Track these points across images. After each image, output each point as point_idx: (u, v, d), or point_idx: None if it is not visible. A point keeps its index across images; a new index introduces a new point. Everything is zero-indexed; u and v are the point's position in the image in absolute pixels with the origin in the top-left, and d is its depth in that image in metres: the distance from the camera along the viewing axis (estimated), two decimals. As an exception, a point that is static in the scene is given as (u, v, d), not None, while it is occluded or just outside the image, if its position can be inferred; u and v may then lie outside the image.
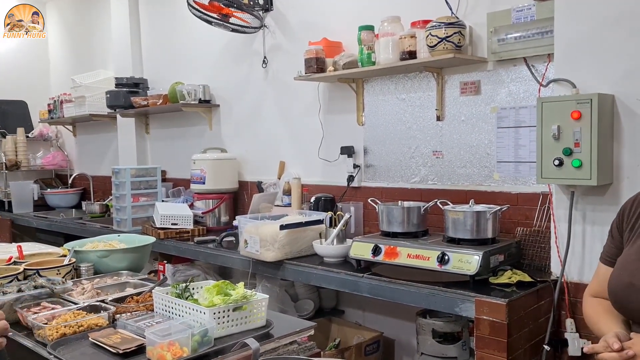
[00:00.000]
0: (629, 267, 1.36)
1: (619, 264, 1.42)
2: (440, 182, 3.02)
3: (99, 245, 2.46)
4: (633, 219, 1.46)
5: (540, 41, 2.53)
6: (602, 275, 1.52)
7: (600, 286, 1.52)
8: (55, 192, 5.73)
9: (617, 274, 1.40)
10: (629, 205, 1.50)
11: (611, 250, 1.51)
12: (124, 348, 1.52)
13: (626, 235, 1.47)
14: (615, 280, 1.39)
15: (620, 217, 1.51)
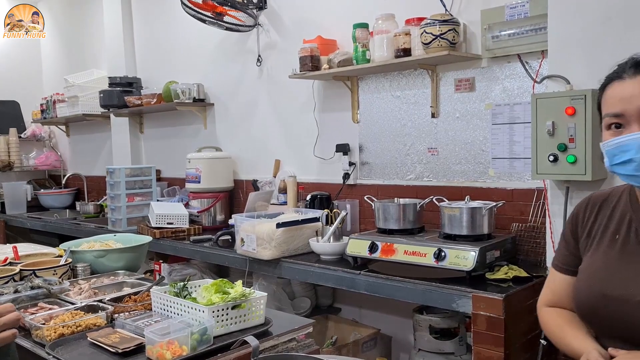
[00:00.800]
0: (597, 277, 1.24)
1: (584, 274, 1.29)
2: (436, 179, 3.03)
3: (95, 245, 2.45)
4: (589, 223, 1.35)
5: (534, 38, 2.55)
6: (557, 284, 1.40)
7: (556, 295, 1.41)
8: (49, 192, 5.71)
9: (585, 284, 1.27)
10: (582, 210, 1.38)
11: (566, 257, 1.39)
12: (123, 347, 1.51)
13: (583, 242, 1.35)
14: (586, 291, 1.26)
15: (574, 222, 1.39)
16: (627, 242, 1.24)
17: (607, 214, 1.32)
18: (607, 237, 1.29)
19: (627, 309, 1.16)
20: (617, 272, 1.22)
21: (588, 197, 1.40)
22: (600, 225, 1.32)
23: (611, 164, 1.20)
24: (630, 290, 1.16)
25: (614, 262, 1.24)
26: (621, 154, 1.16)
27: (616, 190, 1.35)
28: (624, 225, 1.26)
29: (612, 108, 1.19)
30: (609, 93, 1.22)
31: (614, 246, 1.26)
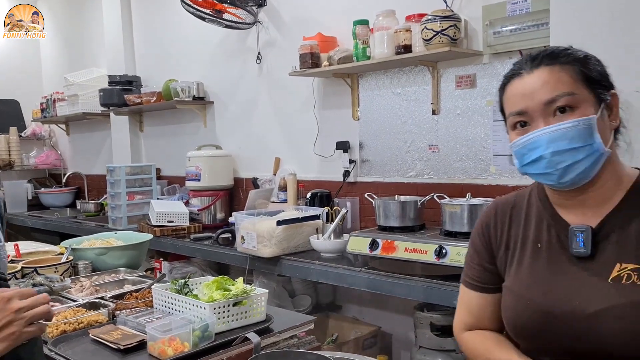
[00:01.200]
0: (533, 293, 1.13)
1: (515, 291, 1.17)
2: (437, 176, 3.03)
3: (96, 243, 2.45)
4: (504, 234, 1.24)
5: (536, 33, 2.54)
6: (474, 304, 1.27)
7: (474, 317, 1.28)
8: (50, 191, 5.70)
9: (521, 303, 1.15)
10: (492, 221, 1.26)
11: (481, 273, 1.26)
12: (125, 344, 1.51)
13: (502, 255, 1.23)
14: (524, 311, 1.14)
15: (485, 235, 1.26)
16: (552, 250, 1.15)
17: (522, 222, 1.22)
18: (529, 247, 1.19)
19: (577, 325, 1.07)
20: (554, 286, 1.12)
21: (493, 205, 1.30)
22: (518, 235, 1.22)
23: (521, 165, 1.13)
24: (575, 304, 1.08)
25: (546, 274, 1.14)
26: (530, 153, 1.10)
27: (522, 194, 1.27)
28: (543, 232, 1.17)
29: (515, 106, 1.12)
30: (510, 92, 1.15)
31: (539, 257, 1.16)
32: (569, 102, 1.07)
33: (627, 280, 1.05)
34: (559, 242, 1.15)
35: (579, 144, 1.06)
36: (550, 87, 1.08)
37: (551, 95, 1.07)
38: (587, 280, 1.09)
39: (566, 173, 1.07)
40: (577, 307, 1.07)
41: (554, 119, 1.07)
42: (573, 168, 1.07)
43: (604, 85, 1.12)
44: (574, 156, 1.06)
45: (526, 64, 1.13)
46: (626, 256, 1.07)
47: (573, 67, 1.10)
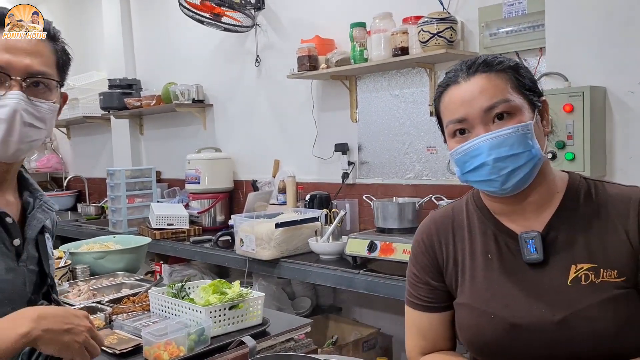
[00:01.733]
0: (495, 307, 1.10)
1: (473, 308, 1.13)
2: (435, 177, 3.03)
3: (94, 247, 2.46)
4: (449, 249, 1.20)
5: (532, 35, 2.54)
6: (426, 325, 1.22)
7: (428, 340, 1.22)
8: (51, 194, 5.71)
9: (482, 319, 1.11)
10: (434, 237, 1.23)
11: (430, 292, 1.21)
12: (120, 348, 1.52)
13: (450, 271, 1.19)
14: (487, 326, 1.10)
15: (429, 253, 1.22)
16: (504, 259, 1.13)
17: (466, 235, 1.19)
18: (479, 259, 1.16)
19: (546, 333, 1.05)
20: (515, 297, 1.09)
21: (431, 220, 1.27)
22: (465, 249, 1.18)
23: (463, 173, 1.11)
24: (541, 312, 1.06)
25: (503, 285, 1.11)
26: (472, 160, 1.08)
27: (458, 207, 1.25)
28: (490, 242, 1.15)
29: (454, 114, 1.10)
30: (448, 99, 1.13)
31: (492, 268, 1.14)
32: (506, 109, 1.07)
33: (586, 281, 1.05)
34: (509, 251, 1.13)
35: (520, 150, 1.06)
36: (489, 94, 1.07)
37: (490, 102, 1.07)
38: (546, 286, 1.08)
39: (509, 179, 1.07)
40: (544, 315, 1.06)
41: (493, 126, 1.07)
42: (515, 174, 1.06)
43: (535, 92, 1.12)
44: (515, 162, 1.06)
45: (462, 72, 1.11)
46: (578, 257, 1.07)
47: (507, 75, 1.10)
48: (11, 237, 1.12)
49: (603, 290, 1.03)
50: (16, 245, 1.12)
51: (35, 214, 1.18)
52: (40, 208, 1.20)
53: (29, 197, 1.20)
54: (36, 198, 1.21)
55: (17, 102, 1.08)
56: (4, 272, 1.09)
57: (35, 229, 1.17)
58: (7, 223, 1.11)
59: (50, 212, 1.23)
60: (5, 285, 1.09)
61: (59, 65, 1.19)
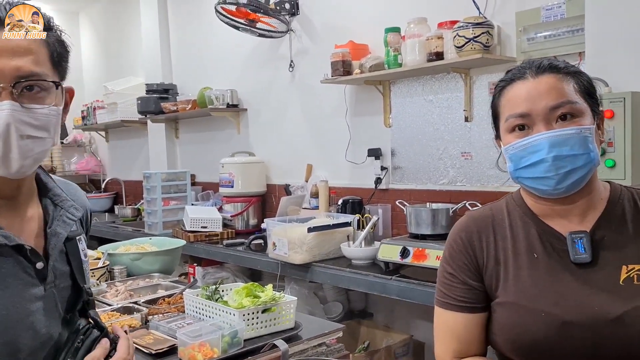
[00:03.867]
0: (544, 304, 1.09)
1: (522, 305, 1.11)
2: (470, 183, 2.99)
3: (131, 248, 2.51)
4: (490, 248, 1.19)
5: (571, 39, 2.49)
6: (462, 327, 1.18)
7: (463, 343, 1.19)
8: (89, 196, 5.84)
9: (531, 317, 1.09)
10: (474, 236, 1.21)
11: (467, 292, 1.18)
12: (156, 349, 1.55)
13: (490, 270, 1.17)
14: (534, 324, 1.08)
15: (468, 252, 1.19)
16: (550, 259, 1.12)
17: (508, 234, 1.18)
18: (523, 258, 1.15)
19: (600, 331, 1.05)
20: (563, 294, 1.09)
21: (470, 220, 1.24)
22: (507, 248, 1.17)
23: (516, 168, 1.12)
24: (594, 310, 1.06)
25: (550, 284, 1.10)
26: (530, 156, 1.09)
27: (497, 207, 1.24)
28: (535, 241, 1.15)
29: (517, 108, 1.10)
30: (511, 94, 1.13)
31: (538, 266, 1.13)
32: (571, 110, 1.08)
33: (639, 281, 1.06)
34: (554, 251, 1.13)
35: (580, 152, 1.07)
36: (556, 93, 1.09)
37: (556, 101, 1.08)
38: (597, 286, 1.08)
39: (565, 179, 1.08)
40: (597, 313, 1.05)
41: (555, 125, 1.08)
42: (571, 174, 1.07)
43: (595, 100, 1.14)
44: (573, 162, 1.07)
45: (531, 69, 1.13)
46: (629, 258, 1.09)
47: (574, 79, 1.12)
48: (32, 263, 1.00)
49: None
50: (40, 269, 1.01)
51: (55, 229, 1.06)
52: (61, 219, 1.07)
53: (49, 205, 1.08)
54: (57, 206, 1.09)
55: (10, 114, 0.93)
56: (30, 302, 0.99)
57: (57, 247, 1.05)
58: (26, 250, 0.99)
59: (71, 222, 1.09)
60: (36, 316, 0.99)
61: (54, 60, 1.00)
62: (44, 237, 1.05)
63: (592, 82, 1.14)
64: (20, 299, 0.98)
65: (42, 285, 1.01)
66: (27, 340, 0.98)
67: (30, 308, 0.99)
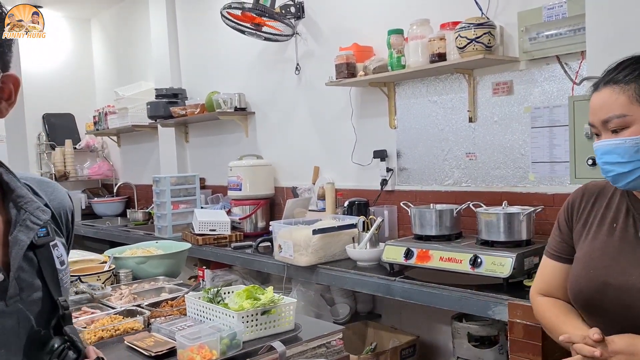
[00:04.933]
0: (598, 265, 1.29)
1: (582, 262, 1.33)
2: (475, 184, 2.99)
3: (137, 252, 2.55)
4: (585, 212, 1.40)
5: (573, 38, 2.48)
6: (549, 271, 1.45)
7: (547, 283, 1.45)
8: (101, 201, 5.94)
9: (584, 272, 1.31)
10: (578, 199, 1.43)
11: (559, 245, 1.43)
12: (156, 351, 1.57)
13: (578, 230, 1.40)
14: (585, 279, 1.30)
15: (569, 211, 1.43)
16: (626, 231, 1.30)
17: (604, 204, 1.37)
18: (605, 226, 1.33)
19: (627, 297, 1.21)
20: (617, 260, 1.27)
21: (584, 186, 1.45)
22: (597, 214, 1.37)
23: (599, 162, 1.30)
24: (631, 279, 1.22)
25: (614, 250, 1.29)
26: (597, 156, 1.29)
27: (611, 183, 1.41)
28: (621, 214, 1.32)
29: (589, 118, 1.31)
30: (591, 101, 1.31)
31: (613, 235, 1.31)
32: (619, 124, 1.24)
33: None
34: (634, 227, 1.29)
35: (625, 160, 1.23)
36: (606, 108, 1.25)
37: (606, 116, 1.25)
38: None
39: (617, 180, 1.26)
40: (632, 281, 1.22)
41: (612, 135, 1.25)
42: (623, 177, 1.25)
43: None
44: (621, 167, 1.24)
45: (602, 81, 1.29)
46: None
47: (634, 86, 1.23)
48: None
49: None
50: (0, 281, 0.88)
51: (17, 236, 0.92)
52: (24, 224, 0.94)
53: (12, 209, 0.95)
54: (20, 209, 0.95)
55: None
56: None
57: (17, 257, 0.91)
58: None
59: (35, 227, 0.95)
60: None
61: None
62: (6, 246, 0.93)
63: None
64: None
65: (3, 301, 0.88)
66: None
67: None
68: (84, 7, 6.20)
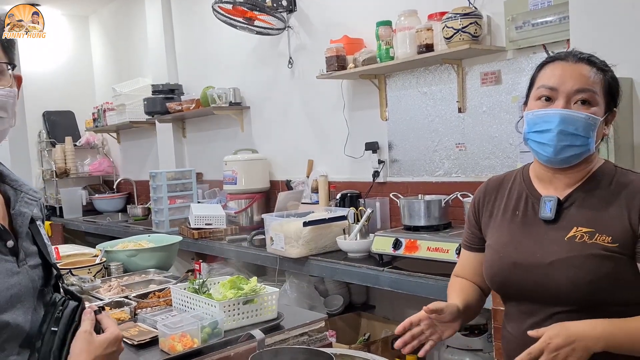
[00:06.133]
0: (506, 249, 1.37)
1: (492, 248, 1.41)
2: (464, 174, 3.00)
3: (129, 245, 2.58)
4: (489, 205, 1.47)
5: (558, 27, 2.48)
6: (464, 259, 1.56)
7: (461, 268, 1.57)
8: (102, 197, 5.98)
9: (496, 257, 1.39)
10: (481, 194, 1.51)
11: (470, 236, 1.53)
12: (139, 340, 1.60)
13: (485, 221, 1.47)
14: (497, 263, 1.38)
15: (475, 206, 1.51)
16: (526, 216, 1.37)
17: (505, 195, 1.44)
18: (509, 214, 1.41)
19: (535, 274, 1.29)
20: (523, 243, 1.35)
21: (486, 182, 1.54)
22: (500, 205, 1.44)
23: (529, 131, 1.32)
24: (537, 257, 1.31)
25: (520, 234, 1.37)
26: (542, 123, 1.28)
27: (510, 174, 1.50)
28: (521, 202, 1.39)
29: (549, 81, 1.29)
30: (550, 68, 1.32)
31: (516, 221, 1.39)
32: (590, 98, 1.27)
33: (580, 240, 1.28)
34: (533, 210, 1.37)
35: (581, 134, 1.26)
36: (584, 80, 1.27)
37: (582, 86, 1.27)
38: (548, 238, 1.32)
39: (562, 151, 1.27)
40: (538, 259, 1.30)
41: (573, 106, 1.27)
42: (568, 149, 1.27)
43: (614, 101, 1.34)
44: (573, 140, 1.26)
45: (573, 56, 1.32)
46: (582, 222, 1.30)
47: (604, 76, 1.30)
48: (3, 240, 1.05)
49: (591, 249, 1.25)
50: (10, 247, 1.05)
51: (20, 209, 1.09)
52: (23, 201, 1.11)
53: (9, 190, 1.12)
54: (17, 190, 1.12)
55: None
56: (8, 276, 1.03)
57: (24, 226, 1.09)
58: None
59: (34, 203, 1.13)
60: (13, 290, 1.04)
61: (4, 45, 1.06)
62: (8, 219, 1.08)
63: (618, 85, 1.34)
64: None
65: (16, 262, 1.05)
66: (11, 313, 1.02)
67: (10, 282, 1.03)
68: (82, 4, 6.23)
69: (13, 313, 1.02)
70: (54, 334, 1.06)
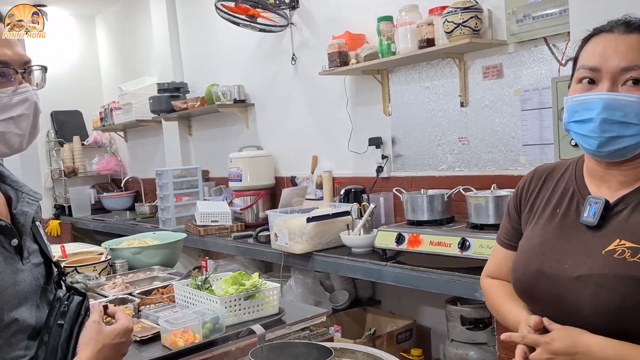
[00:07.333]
0: (534, 253, 1.20)
1: (522, 249, 1.24)
2: (468, 168, 3.00)
3: (134, 243, 2.61)
4: (532, 197, 1.29)
5: (559, 19, 2.47)
6: (499, 257, 1.37)
7: (497, 268, 1.38)
8: (110, 195, 6.03)
9: (522, 261, 1.22)
10: (526, 184, 1.32)
11: (508, 231, 1.34)
12: (141, 336, 1.63)
13: (525, 216, 1.29)
14: (522, 268, 1.21)
15: (517, 196, 1.33)
16: (567, 216, 1.18)
17: (551, 187, 1.26)
18: (548, 211, 1.22)
19: (559, 287, 1.12)
20: (554, 248, 1.16)
21: (534, 170, 1.34)
22: (544, 199, 1.26)
23: (569, 121, 1.13)
24: (565, 267, 1.12)
25: (552, 237, 1.18)
26: (583, 112, 1.09)
27: (562, 164, 1.29)
28: (565, 199, 1.20)
29: (591, 60, 1.09)
30: (593, 44, 1.12)
31: (554, 221, 1.20)
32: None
33: (620, 255, 1.06)
34: (576, 211, 1.17)
35: (632, 121, 1.05)
36: (633, 55, 1.05)
37: (630, 63, 1.05)
38: (584, 248, 1.12)
39: (608, 144, 1.07)
40: (565, 271, 1.12)
41: (621, 88, 1.06)
42: (617, 141, 1.06)
43: None
44: (622, 130, 1.05)
45: (620, 26, 1.10)
46: (628, 234, 1.08)
47: None
48: (8, 239, 1.07)
49: (631, 269, 1.04)
50: (15, 245, 1.08)
51: (22, 209, 1.13)
52: (24, 201, 1.14)
53: (10, 191, 1.15)
54: (17, 191, 1.15)
55: (32, 94, 1.10)
56: (14, 273, 1.06)
57: (27, 225, 1.12)
58: (2, 227, 1.07)
59: (35, 203, 1.16)
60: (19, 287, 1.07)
61: None
62: (10, 218, 1.11)
63: None
64: (6, 269, 1.05)
65: (21, 261, 1.09)
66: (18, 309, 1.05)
67: (16, 278, 1.06)
68: (89, 4, 6.26)
69: (20, 309, 1.05)
70: (61, 327, 1.10)
